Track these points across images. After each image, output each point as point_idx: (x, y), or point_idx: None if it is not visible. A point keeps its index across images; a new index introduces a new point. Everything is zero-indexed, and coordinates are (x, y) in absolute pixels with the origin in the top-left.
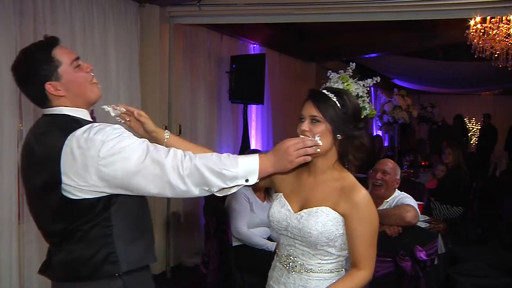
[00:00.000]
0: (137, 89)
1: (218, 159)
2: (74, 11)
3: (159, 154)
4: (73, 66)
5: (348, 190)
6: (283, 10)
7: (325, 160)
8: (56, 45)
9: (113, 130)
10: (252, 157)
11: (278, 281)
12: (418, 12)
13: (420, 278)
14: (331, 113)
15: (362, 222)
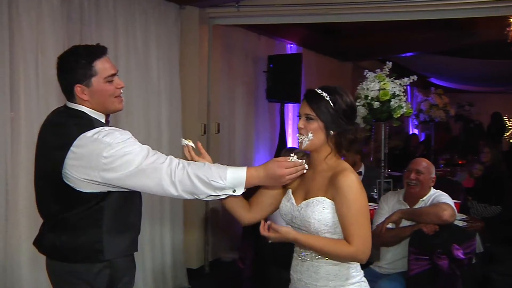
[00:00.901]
0: (177, 88)
1: (208, 170)
2: (117, 14)
3: (158, 160)
4: (106, 80)
5: (335, 176)
6: (319, 10)
7: (319, 153)
8: (102, 56)
9: (120, 135)
10: (241, 170)
11: (295, 270)
12: (455, 11)
13: (457, 277)
14: (323, 111)
15: (344, 203)
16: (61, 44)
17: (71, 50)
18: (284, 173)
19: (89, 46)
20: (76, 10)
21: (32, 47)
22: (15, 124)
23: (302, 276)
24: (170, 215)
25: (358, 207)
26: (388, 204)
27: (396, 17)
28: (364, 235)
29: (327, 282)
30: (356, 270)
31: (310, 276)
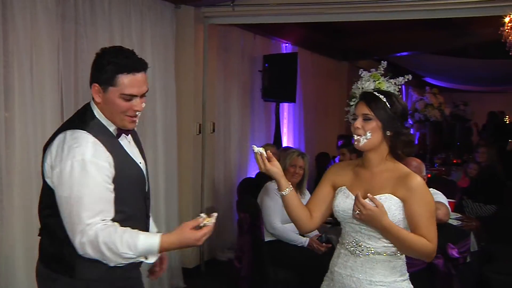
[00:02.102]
0: (173, 88)
1: (119, 241)
2: (112, 13)
3: (84, 210)
4: (121, 96)
5: (404, 177)
6: (315, 9)
7: (377, 154)
8: (132, 72)
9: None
10: (153, 238)
11: (344, 266)
12: (451, 10)
13: (453, 276)
14: (381, 111)
15: (421, 204)
16: (56, 44)
17: (112, 50)
18: (198, 237)
19: (129, 56)
20: (70, 9)
21: (27, 47)
22: (10, 124)
23: (353, 272)
24: (165, 214)
25: (432, 207)
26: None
27: (392, 16)
28: (436, 235)
29: (384, 277)
30: (405, 268)
31: (365, 271)
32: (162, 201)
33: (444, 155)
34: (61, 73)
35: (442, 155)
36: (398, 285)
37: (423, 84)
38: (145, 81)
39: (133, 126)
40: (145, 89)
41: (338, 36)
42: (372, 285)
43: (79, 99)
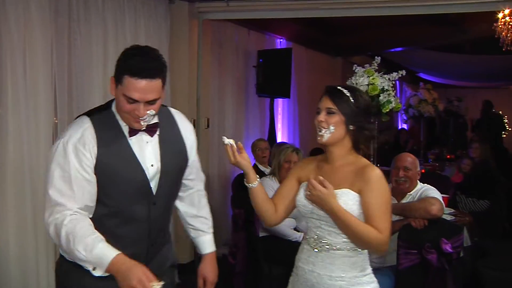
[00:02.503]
0: (167, 83)
1: (79, 237)
2: (106, 9)
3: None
4: (125, 97)
5: (362, 169)
6: (309, 5)
7: (340, 148)
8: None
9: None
10: (110, 253)
11: (307, 261)
12: (445, 6)
13: (446, 271)
14: (344, 106)
15: (375, 194)
16: (49, 40)
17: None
18: (140, 281)
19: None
20: (64, 5)
21: (20, 43)
22: (3, 120)
23: (314, 267)
24: None
25: (387, 199)
26: None
27: (387, 12)
28: (389, 227)
29: (343, 273)
30: (367, 263)
31: (325, 267)
32: None
33: (438, 151)
34: (54, 69)
35: (435, 150)
36: (358, 280)
37: (417, 79)
38: (152, 90)
39: (139, 127)
40: (150, 97)
41: (332, 31)
42: (331, 280)
43: (72, 95)
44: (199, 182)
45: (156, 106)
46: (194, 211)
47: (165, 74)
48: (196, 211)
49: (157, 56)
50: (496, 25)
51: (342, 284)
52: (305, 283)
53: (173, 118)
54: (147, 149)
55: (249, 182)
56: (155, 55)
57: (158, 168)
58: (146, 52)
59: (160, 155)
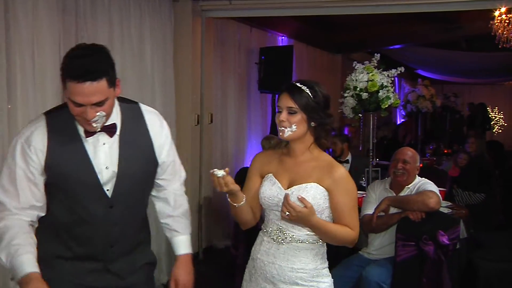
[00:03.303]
0: (171, 80)
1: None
2: (112, 6)
3: None
4: (71, 101)
5: (329, 168)
6: (310, 3)
7: (302, 144)
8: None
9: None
10: (29, 267)
11: (267, 253)
12: (443, 4)
13: (443, 262)
14: (305, 104)
15: (344, 193)
16: (57, 36)
17: (75, 48)
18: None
19: (82, 62)
20: (71, 3)
21: (28, 39)
22: (13, 115)
23: (276, 259)
24: None
25: (355, 197)
26: (375, 192)
27: (386, 10)
28: (358, 223)
29: (305, 265)
30: (325, 257)
31: (287, 259)
32: None
33: (435, 146)
34: None
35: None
36: (318, 272)
37: (415, 76)
38: (95, 92)
39: (92, 129)
40: (95, 100)
41: (333, 29)
42: (293, 272)
43: None
44: (174, 182)
45: (106, 107)
46: (169, 210)
47: (110, 73)
48: (171, 211)
49: (99, 56)
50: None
51: (304, 275)
52: (264, 274)
53: (142, 117)
54: (102, 150)
55: (238, 202)
56: (97, 56)
57: (114, 172)
58: (87, 54)
59: (118, 158)
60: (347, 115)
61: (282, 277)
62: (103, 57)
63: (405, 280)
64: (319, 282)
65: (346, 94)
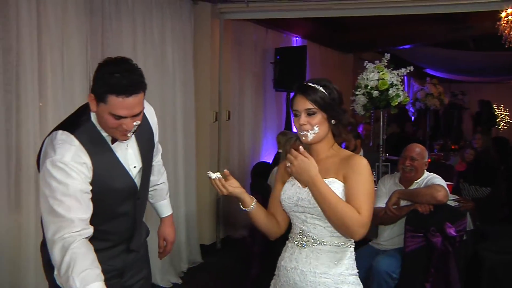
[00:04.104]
0: (191, 78)
1: (81, 268)
2: (136, 9)
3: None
4: (111, 114)
5: (347, 158)
6: (323, 5)
7: (324, 144)
8: (123, 95)
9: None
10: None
11: (290, 259)
12: (451, 6)
13: (450, 253)
14: (323, 102)
15: (360, 180)
16: (84, 37)
17: (111, 64)
18: None
19: (125, 76)
20: (98, 5)
21: (58, 41)
22: (44, 112)
23: (298, 264)
24: (185, 196)
25: (370, 186)
26: (385, 185)
27: (396, 11)
28: (370, 213)
29: (328, 269)
30: (355, 263)
31: (310, 263)
32: (181, 183)
33: (443, 141)
34: (89, 64)
35: (440, 141)
36: (343, 278)
37: (423, 75)
38: (138, 104)
39: (124, 139)
40: (136, 111)
41: (344, 30)
42: (316, 277)
43: None
44: (157, 155)
45: (141, 117)
46: (154, 180)
47: (145, 84)
48: (156, 180)
49: (135, 69)
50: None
51: (327, 281)
52: (287, 282)
53: None
54: (128, 153)
55: (246, 207)
56: (133, 69)
57: (138, 168)
58: (127, 67)
59: (140, 155)
60: (358, 112)
61: (304, 283)
62: (137, 69)
63: (413, 269)
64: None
65: (357, 92)
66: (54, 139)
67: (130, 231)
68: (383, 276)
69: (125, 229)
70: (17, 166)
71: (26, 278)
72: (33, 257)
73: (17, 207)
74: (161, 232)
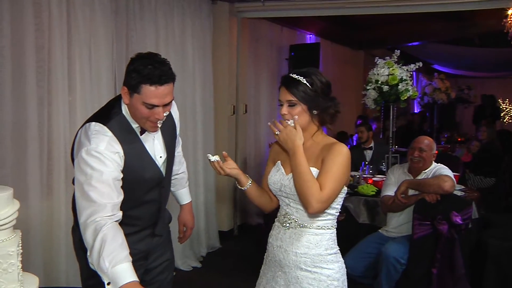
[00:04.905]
0: (210, 74)
1: (110, 249)
2: (158, 8)
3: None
4: (144, 104)
5: (330, 145)
6: (336, 4)
7: (306, 133)
8: (156, 84)
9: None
10: (128, 276)
11: (276, 238)
12: (459, 4)
13: (456, 240)
14: (303, 94)
15: (333, 161)
16: (110, 35)
17: (143, 57)
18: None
19: (157, 67)
20: (122, 6)
21: (86, 39)
22: (73, 107)
23: (282, 243)
24: (204, 185)
25: (341, 171)
26: (395, 175)
27: (404, 10)
28: (332, 193)
29: (308, 250)
30: (334, 243)
31: (292, 243)
32: (201, 173)
33: (449, 134)
34: (115, 62)
35: (447, 133)
36: (322, 258)
37: (431, 70)
38: (168, 93)
39: (154, 131)
40: (167, 100)
41: (356, 27)
42: (297, 256)
43: None
44: (179, 146)
45: (170, 107)
46: (176, 170)
47: (175, 75)
48: (176, 170)
49: (164, 60)
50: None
51: (306, 261)
52: (274, 258)
53: None
54: (154, 143)
55: (243, 186)
56: (163, 61)
57: (164, 158)
58: (158, 60)
59: (165, 146)
60: (369, 106)
61: (287, 261)
62: (168, 63)
63: (421, 255)
64: (323, 268)
65: (368, 87)
66: (88, 130)
67: (155, 217)
68: (391, 262)
69: (151, 215)
70: (49, 156)
71: (57, 258)
72: (64, 240)
73: (49, 194)
74: (181, 219)
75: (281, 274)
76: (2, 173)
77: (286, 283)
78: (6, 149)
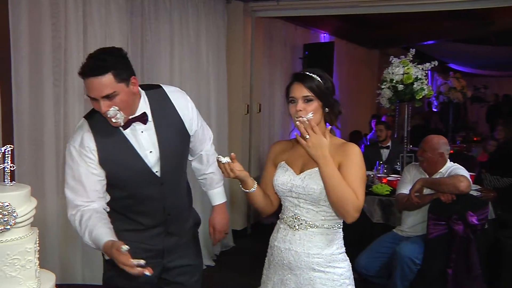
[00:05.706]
0: (224, 73)
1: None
2: (173, 8)
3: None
4: (89, 98)
5: (341, 145)
6: (350, 3)
7: None
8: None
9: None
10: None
11: (283, 240)
12: (473, 2)
13: (471, 240)
14: (319, 91)
15: (354, 166)
16: (125, 35)
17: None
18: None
19: (87, 60)
20: (138, 6)
21: (102, 39)
22: (87, 105)
23: (292, 245)
24: None
25: (363, 173)
26: (410, 173)
27: (420, 8)
28: (364, 198)
29: (321, 250)
30: (342, 242)
31: (303, 244)
32: None
33: (465, 133)
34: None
35: (463, 133)
36: (334, 257)
37: (447, 69)
38: (103, 85)
39: (114, 125)
40: (105, 92)
41: (370, 26)
42: (309, 257)
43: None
44: (205, 144)
45: (118, 102)
46: (203, 169)
47: (117, 67)
48: (205, 169)
49: (105, 55)
50: None
51: (320, 261)
52: (282, 261)
53: (167, 98)
54: (142, 137)
55: (248, 188)
56: (103, 55)
57: (155, 153)
58: (92, 54)
59: (157, 141)
60: (384, 105)
61: (298, 263)
62: (110, 56)
63: (436, 255)
64: (335, 267)
65: (383, 86)
66: (76, 126)
67: (162, 214)
68: (406, 262)
69: (155, 212)
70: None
71: (73, 256)
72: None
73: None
74: (211, 220)
75: (291, 277)
76: (20, 171)
77: (298, 286)
78: (23, 148)
